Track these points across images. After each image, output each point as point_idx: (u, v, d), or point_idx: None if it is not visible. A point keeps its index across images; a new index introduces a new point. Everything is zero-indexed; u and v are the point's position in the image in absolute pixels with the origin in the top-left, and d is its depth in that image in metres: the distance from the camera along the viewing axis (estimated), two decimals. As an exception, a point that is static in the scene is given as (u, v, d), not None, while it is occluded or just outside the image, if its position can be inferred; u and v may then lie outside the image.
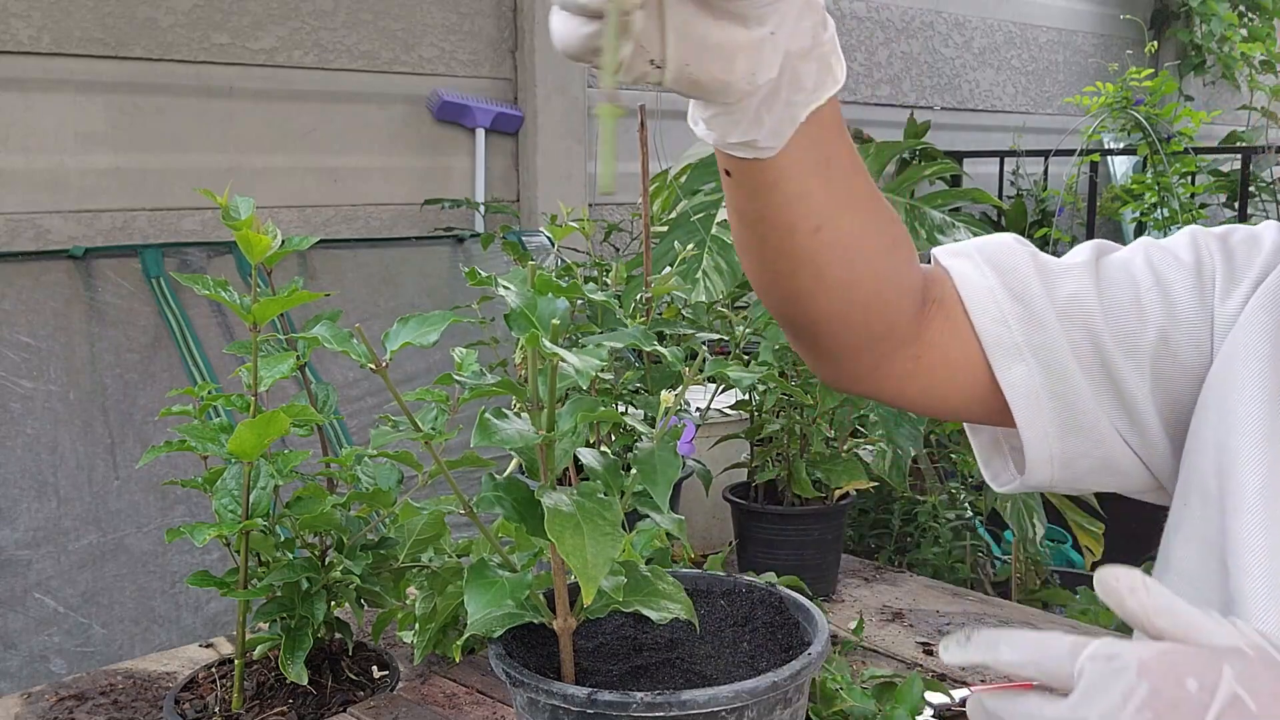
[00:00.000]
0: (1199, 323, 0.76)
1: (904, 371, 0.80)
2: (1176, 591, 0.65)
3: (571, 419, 0.63)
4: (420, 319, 0.65)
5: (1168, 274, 0.77)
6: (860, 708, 0.98)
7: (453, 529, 1.09)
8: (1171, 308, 0.76)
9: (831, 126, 0.68)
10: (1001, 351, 0.77)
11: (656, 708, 0.61)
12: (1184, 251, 0.78)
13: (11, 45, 2.41)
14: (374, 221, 3.00)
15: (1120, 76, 3.62)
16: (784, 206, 0.68)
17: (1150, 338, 0.76)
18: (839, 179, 0.70)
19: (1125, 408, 0.77)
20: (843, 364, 0.79)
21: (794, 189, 0.68)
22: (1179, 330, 0.76)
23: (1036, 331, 0.77)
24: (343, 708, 1.01)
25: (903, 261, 0.76)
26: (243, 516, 0.95)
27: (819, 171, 0.68)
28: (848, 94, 4.22)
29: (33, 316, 2.25)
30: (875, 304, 0.75)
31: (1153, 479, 0.81)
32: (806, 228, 0.69)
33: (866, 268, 0.73)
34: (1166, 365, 0.76)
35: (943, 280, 0.80)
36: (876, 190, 0.74)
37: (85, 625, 2.12)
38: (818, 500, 1.44)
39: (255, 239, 0.92)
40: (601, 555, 0.58)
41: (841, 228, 0.70)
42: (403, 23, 2.99)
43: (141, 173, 2.62)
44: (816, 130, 0.66)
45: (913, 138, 4.21)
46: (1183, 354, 0.76)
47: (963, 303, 0.78)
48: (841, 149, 0.70)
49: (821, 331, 0.77)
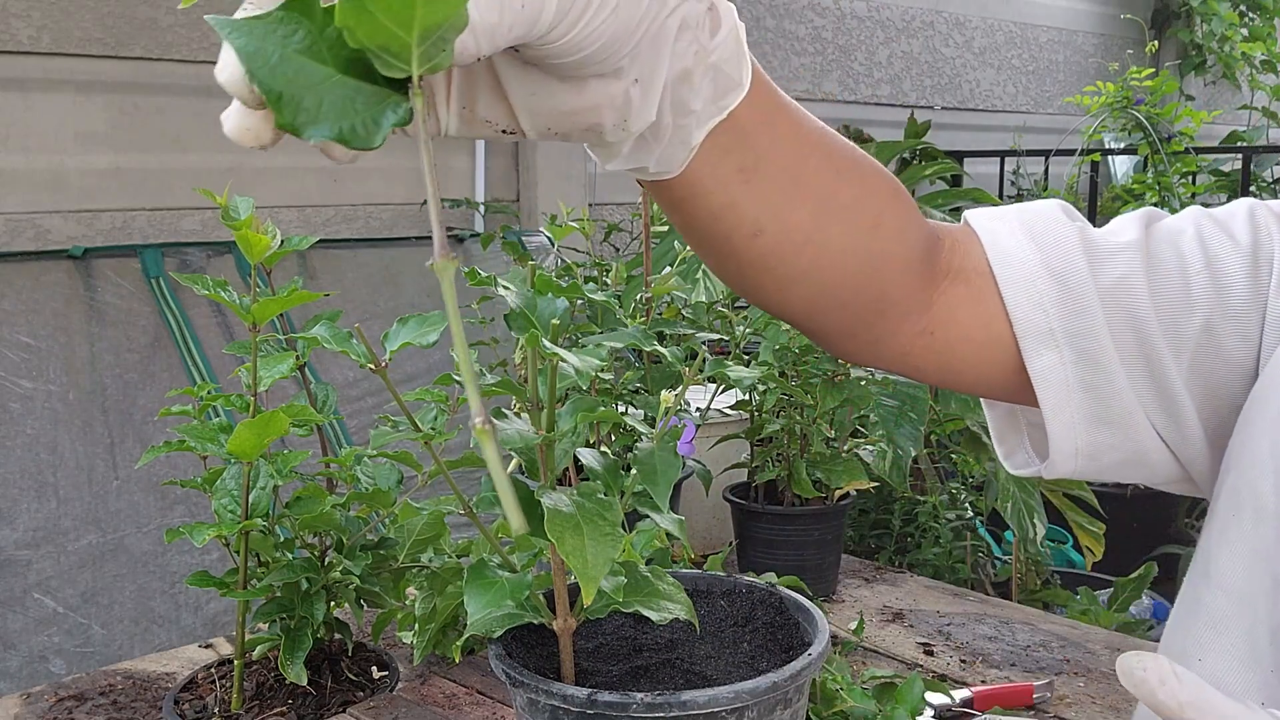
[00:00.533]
0: (1251, 314, 0.69)
1: (911, 349, 0.73)
2: (1221, 609, 0.64)
3: (571, 419, 0.63)
4: (420, 319, 0.64)
5: (1221, 255, 0.70)
6: (860, 708, 0.98)
7: (453, 529, 1.09)
8: (1222, 295, 0.69)
9: (754, 127, 0.59)
10: (1034, 337, 0.70)
11: (656, 708, 0.61)
12: (1241, 229, 0.70)
13: (11, 45, 2.41)
14: (374, 221, 3.00)
15: (1121, 76, 3.62)
16: (709, 219, 0.61)
17: (1196, 325, 0.69)
18: (774, 177, 0.61)
19: (1163, 400, 0.71)
20: (838, 343, 0.73)
21: (714, 201, 0.60)
22: (1228, 321, 0.69)
23: (1076, 318, 0.69)
24: (342, 708, 1.01)
25: (890, 238, 0.68)
26: (242, 517, 0.95)
27: (742, 179, 0.60)
28: (848, 94, 4.23)
29: (33, 316, 2.25)
30: (853, 288, 0.68)
31: (1182, 471, 0.75)
32: (742, 234, 0.62)
33: (834, 257, 0.65)
34: (1208, 356, 0.70)
35: (970, 247, 0.72)
36: (846, 166, 0.66)
37: (85, 625, 2.12)
38: (818, 500, 1.44)
39: (255, 239, 0.92)
40: (602, 556, 0.58)
41: (789, 225, 0.63)
42: (403, 22, 3.00)
43: (141, 173, 2.62)
44: (730, 138, 0.58)
45: (913, 137, 4.21)
46: (1228, 345, 0.69)
47: (994, 276, 0.70)
48: (774, 145, 0.61)
49: (799, 320, 0.71)
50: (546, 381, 0.63)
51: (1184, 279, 0.70)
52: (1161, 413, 0.72)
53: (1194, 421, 0.72)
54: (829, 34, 4.19)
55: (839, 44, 4.22)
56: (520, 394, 0.64)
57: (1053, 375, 0.70)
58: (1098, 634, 1.35)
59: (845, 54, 4.25)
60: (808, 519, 1.43)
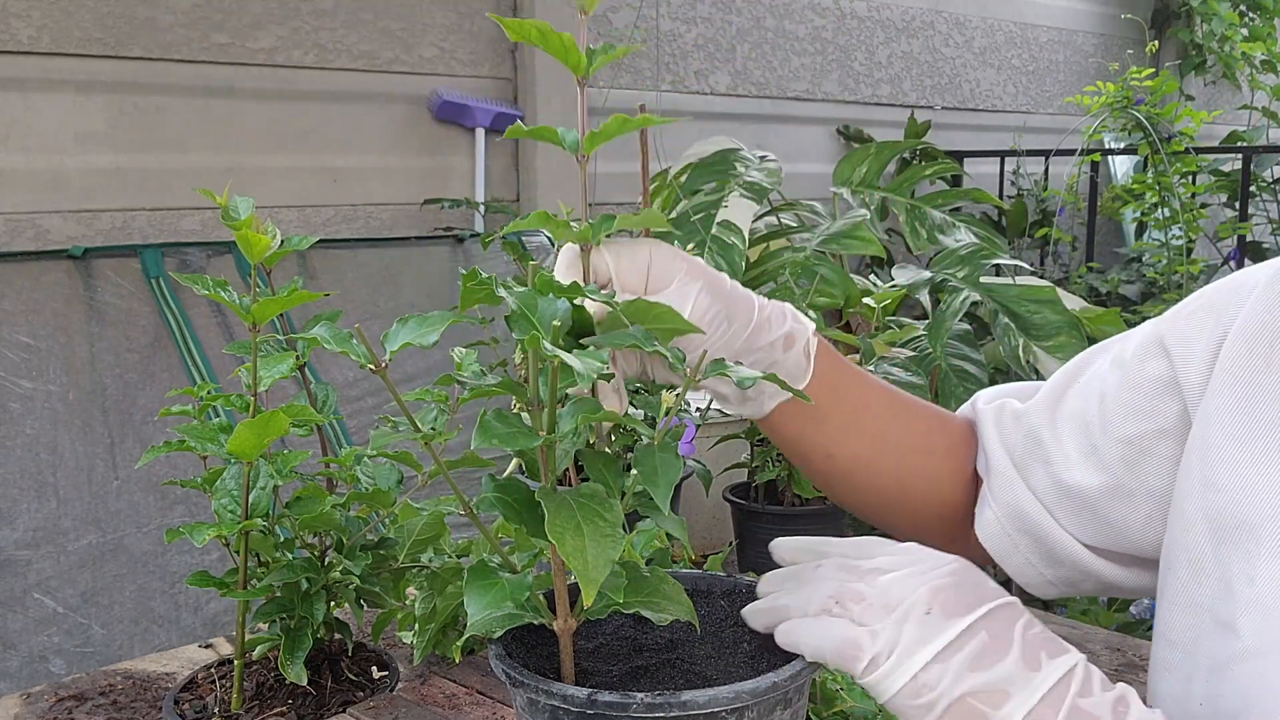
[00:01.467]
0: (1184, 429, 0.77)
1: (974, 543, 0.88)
2: (1163, 658, 0.73)
3: (572, 420, 0.63)
4: (420, 319, 0.64)
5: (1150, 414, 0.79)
6: (860, 708, 0.98)
7: (452, 529, 1.09)
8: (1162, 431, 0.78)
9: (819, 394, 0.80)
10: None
11: (656, 708, 0.61)
12: (1153, 366, 0.78)
13: (11, 45, 2.41)
14: (374, 221, 3.00)
15: (1121, 76, 3.62)
16: (793, 442, 0.83)
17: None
18: (837, 421, 0.82)
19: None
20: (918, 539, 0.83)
21: (792, 433, 0.82)
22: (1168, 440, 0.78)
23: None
24: (342, 708, 1.01)
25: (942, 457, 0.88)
26: (242, 517, 0.95)
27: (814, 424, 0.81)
28: (848, 94, 4.22)
29: (33, 316, 2.25)
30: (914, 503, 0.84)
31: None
32: (818, 455, 0.83)
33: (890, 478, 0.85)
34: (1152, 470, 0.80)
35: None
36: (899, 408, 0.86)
37: (85, 625, 2.12)
38: (818, 500, 1.44)
39: (254, 239, 0.92)
40: (602, 557, 0.58)
41: (853, 452, 0.83)
42: (403, 22, 2.99)
43: (141, 173, 2.62)
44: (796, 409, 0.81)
45: (913, 137, 4.21)
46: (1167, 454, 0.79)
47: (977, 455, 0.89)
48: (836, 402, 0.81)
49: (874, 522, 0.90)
50: (547, 382, 0.63)
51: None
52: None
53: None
54: (829, 34, 4.19)
55: (839, 44, 4.22)
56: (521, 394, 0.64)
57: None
58: (1098, 634, 1.35)
59: (845, 54, 4.24)
60: (808, 519, 1.43)
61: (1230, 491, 0.68)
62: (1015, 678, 0.56)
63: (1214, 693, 0.66)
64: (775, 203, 2.31)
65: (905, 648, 0.58)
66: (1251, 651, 0.63)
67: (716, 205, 2.06)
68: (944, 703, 0.57)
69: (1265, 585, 0.64)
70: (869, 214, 2.01)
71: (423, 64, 3.04)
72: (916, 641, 0.58)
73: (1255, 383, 0.69)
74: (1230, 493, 0.68)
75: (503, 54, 3.21)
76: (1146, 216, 3.71)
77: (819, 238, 1.95)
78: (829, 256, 1.95)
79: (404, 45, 3.00)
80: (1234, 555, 0.66)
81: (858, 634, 0.59)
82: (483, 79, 3.18)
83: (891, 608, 0.59)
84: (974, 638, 0.57)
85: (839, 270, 1.90)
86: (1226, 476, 0.68)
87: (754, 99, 3.96)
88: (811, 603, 0.63)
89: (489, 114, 3.11)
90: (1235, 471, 0.68)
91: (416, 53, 3.03)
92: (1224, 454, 0.69)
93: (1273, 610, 0.63)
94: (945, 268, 2.03)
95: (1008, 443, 0.85)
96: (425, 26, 3.04)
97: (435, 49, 3.06)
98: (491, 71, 3.19)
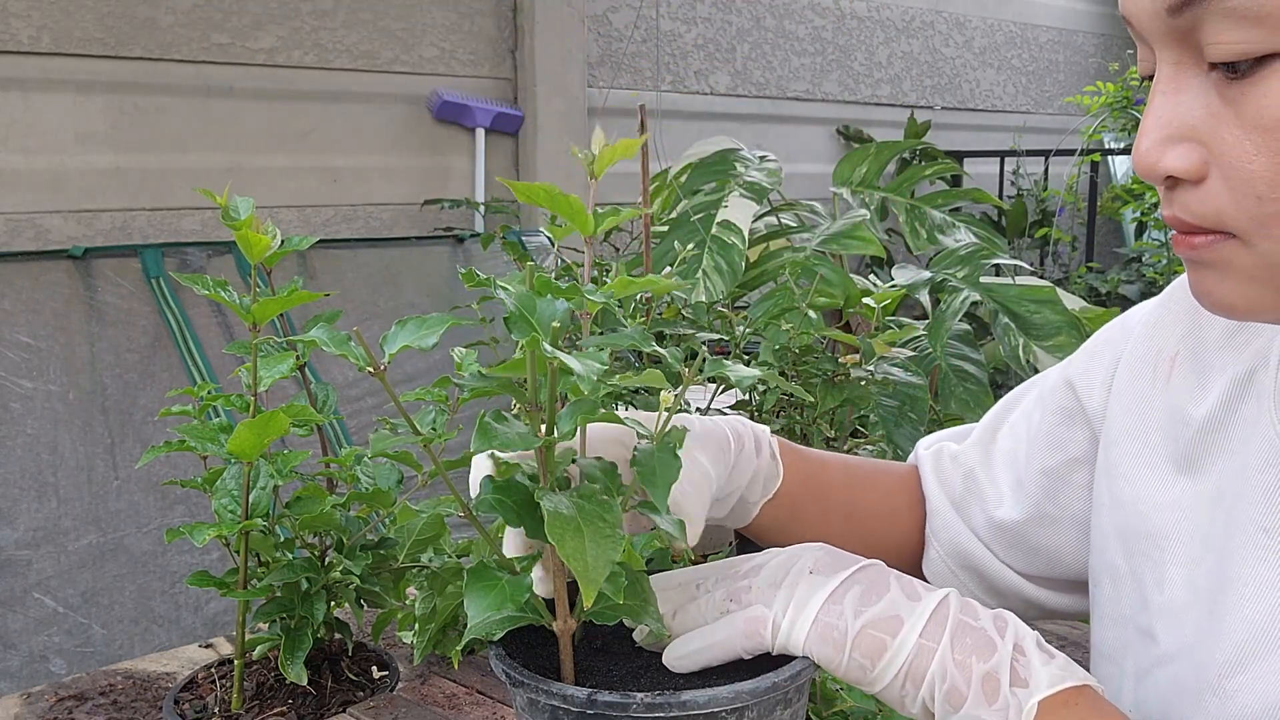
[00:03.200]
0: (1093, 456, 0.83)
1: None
2: (1105, 675, 0.77)
3: (571, 421, 0.63)
4: (419, 321, 0.64)
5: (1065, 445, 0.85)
6: (860, 708, 0.98)
7: (452, 529, 1.09)
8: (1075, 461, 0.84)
9: (791, 489, 0.85)
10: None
11: (656, 708, 0.61)
12: (1063, 399, 0.84)
13: (11, 45, 2.41)
14: (374, 221, 3.00)
15: (1120, 76, 3.62)
16: (779, 534, 0.87)
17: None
18: (809, 508, 0.87)
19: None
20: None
21: (775, 527, 0.87)
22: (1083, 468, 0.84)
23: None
24: (342, 708, 1.01)
25: (913, 514, 0.94)
26: (242, 517, 0.95)
27: (790, 517, 0.86)
28: (848, 94, 4.23)
29: (33, 316, 2.25)
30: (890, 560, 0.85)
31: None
32: (804, 538, 0.84)
33: (873, 540, 0.91)
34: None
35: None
36: (861, 478, 0.93)
37: (85, 625, 2.12)
38: (818, 500, 1.44)
39: (255, 239, 0.92)
40: (603, 558, 0.58)
41: (831, 532, 0.86)
42: (403, 22, 2.99)
43: (141, 173, 2.62)
44: (773, 508, 0.85)
45: (913, 137, 4.22)
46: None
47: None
48: (805, 493, 0.86)
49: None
50: (546, 383, 0.63)
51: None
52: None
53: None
54: (829, 34, 4.19)
55: (839, 44, 4.22)
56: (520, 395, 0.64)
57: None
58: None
59: (845, 54, 4.25)
60: (807, 519, 1.43)
61: (1134, 505, 0.73)
62: (901, 605, 0.63)
63: (1140, 699, 0.71)
64: (775, 203, 2.31)
65: (799, 600, 0.64)
66: (1168, 656, 0.68)
67: (716, 205, 2.07)
68: (850, 637, 0.62)
69: (1172, 591, 0.69)
70: (869, 214, 2.01)
71: (423, 64, 3.04)
72: (808, 594, 0.64)
73: (1144, 404, 0.76)
74: (1134, 507, 0.73)
75: (503, 54, 3.21)
76: (1146, 216, 3.71)
77: (819, 238, 1.95)
78: (829, 256, 1.95)
79: (404, 45, 3.00)
80: (1145, 566, 0.72)
81: (757, 610, 0.65)
82: (483, 79, 3.18)
83: (778, 582, 0.66)
84: (856, 584, 0.64)
85: (839, 270, 1.90)
86: (1130, 493, 0.74)
87: (754, 99, 3.96)
88: (708, 613, 0.68)
89: (489, 114, 3.11)
90: (1136, 488, 0.74)
91: (416, 53, 3.03)
92: (1125, 472, 0.75)
93: (1180, 614, 0.68)
94: (945, 268, 2.04)
95: (946, 484, 0.92)
96: (425, 26, 3.04)
97: (435, 49, 3.07)
98: (491, 71, 3.20)
